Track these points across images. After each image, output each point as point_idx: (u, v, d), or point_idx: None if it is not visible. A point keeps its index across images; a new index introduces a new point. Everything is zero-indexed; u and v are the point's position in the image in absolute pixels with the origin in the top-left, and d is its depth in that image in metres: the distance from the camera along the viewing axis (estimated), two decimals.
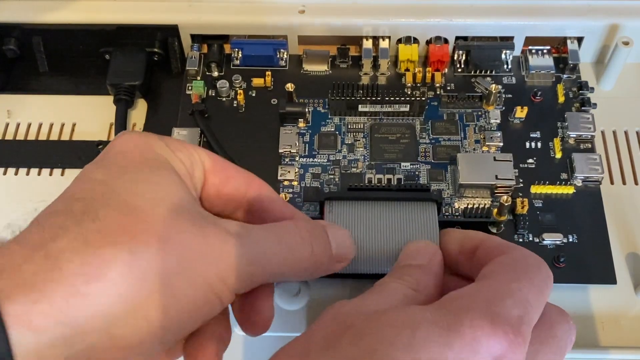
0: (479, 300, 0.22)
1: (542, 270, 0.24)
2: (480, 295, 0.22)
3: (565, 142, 0.38)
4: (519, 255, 0.25)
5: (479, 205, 0.35)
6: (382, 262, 0.31)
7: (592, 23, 0.40)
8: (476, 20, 0.40)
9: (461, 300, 0.22)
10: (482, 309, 0.21)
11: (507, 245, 0.26)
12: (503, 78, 0.41)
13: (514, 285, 0.23)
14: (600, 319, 0.34)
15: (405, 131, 0.38)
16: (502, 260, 0.25)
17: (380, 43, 0.41)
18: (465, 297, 0.22)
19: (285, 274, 0.27)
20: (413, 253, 0.28)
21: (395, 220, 0.32)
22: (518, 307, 0.22)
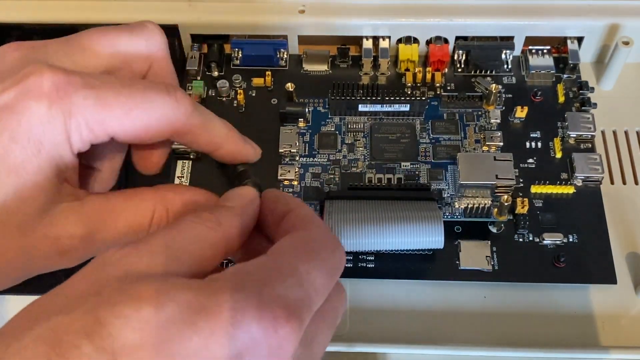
0: (254, 279, 0.20)
1: (337, 255, 0.23)
2: (258, 273, 0.20)
3: (566, 142, 0.38)
4: (317, 234, 0.23)
5: (479, 205, 0.35)
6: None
7: (592, 23, 0.40)
8: (476, 20, 0.40)
9: (232, 278, 0.20)
10: (253, 289, 0.19)
11: (312, 220, 0.24)
12: (503, 78, 0.41)
13: (302, 267, 0.21)
14: (600, 319, 0.34)
15: (406, 131, 0.38)
16: (298, 236, 0.23)
17: (380, 43, 0.41)
18: (238, 274, 0.20)
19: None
20: (229, 195, 0.25)
21: (395, 220, 0.33)
22: (300, 290, 0.20)
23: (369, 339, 0.33)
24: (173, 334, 0.18)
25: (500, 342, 0.33)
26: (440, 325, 0.34)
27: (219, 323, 0.19)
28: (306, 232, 0.23)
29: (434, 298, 0.34)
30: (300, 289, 0.20)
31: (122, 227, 0.26)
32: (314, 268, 0.21)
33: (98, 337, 0.18)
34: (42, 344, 0.18)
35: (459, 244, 0.35)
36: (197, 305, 0.19)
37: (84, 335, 0.18)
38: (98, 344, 0.18)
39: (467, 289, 0.34)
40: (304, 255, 0.22)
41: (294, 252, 0.22)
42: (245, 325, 0.19)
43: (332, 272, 0.22)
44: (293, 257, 0.21)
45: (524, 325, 0.34)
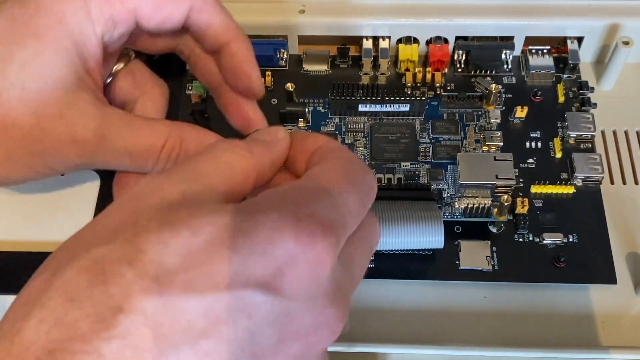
0: (289, 200, 0.20)
1: (368, 180, 0.23)
2: (292, 194, 0.21)
3: (566, 142, 0.38)
4: (347, 161, 0.23)
5: (479, 205, 0.35)
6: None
7: (592, 23, 0.40)
8: (476, 20, 0.40)
9: (268, 199, 0.20)
10: (289, 209, 0.19)
11: (341, 149, 0.24)
12: (503, 78, 0.41)
13: (335, 189, 0.21)
14: (600, 319, 0.34)
15: (406, 131, 0.38)
16: (330, 163, 0.23)
17: (380, 43, 0.41)
18: (275, 196, 0.21)
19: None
20: (260, 132, 0.26)
21: (395, 220, 0.33)
22: (335, 211, 0.20)
23: (369, 339, 0.33)
24: (212, 256, 0.19)
25: (500, 342, 0.33)
26: (440, 325, 0.34)
27: (257, 242, 0.19)
28: (337, 160, 0.23)
29: (433, 298, 0.34)
30: (335, 209, 0.21)
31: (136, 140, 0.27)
32: (346, 191, 0.21)
33: (140, 264, 0.18)
34: (84, 274, 0.18)
35: (459, 244, 0.35)
36: (234, 227, 0.19)
37: (125, 263, 0.18)
38: (140, 270, 0.18)
39: (467, 289, 0.34)
40: (337, 179, 0.22)
41: (326, 176, 0.22)
42: (283, 243, 0.19)
43: (365, 196, 0.22)
44: (326, 180, 0.22)
45: (524, 325, 0.34)
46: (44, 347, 0.18)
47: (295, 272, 0.19)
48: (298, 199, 0.20)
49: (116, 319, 0.18)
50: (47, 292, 0.18)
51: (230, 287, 0.18)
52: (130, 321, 0.18)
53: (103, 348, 0.17)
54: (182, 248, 0.19)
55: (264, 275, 0.19)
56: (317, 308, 0.20)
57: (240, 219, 0.19)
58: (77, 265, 0.19)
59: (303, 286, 0.19)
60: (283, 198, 0.20)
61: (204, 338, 0.18)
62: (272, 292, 0.19)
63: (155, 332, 0.18)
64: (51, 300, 0.18)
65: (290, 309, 0.19)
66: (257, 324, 0.19)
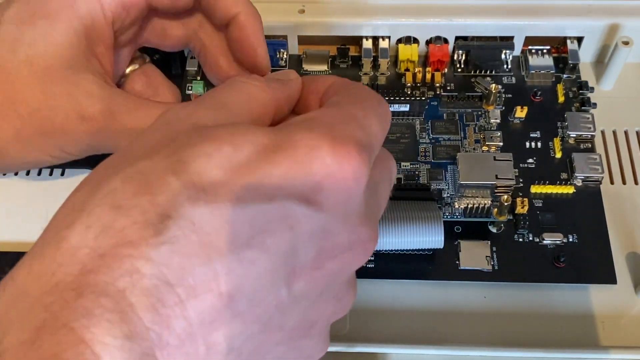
0: (321, 123, 0.21)
1: (383, 105, 0.24)
2: (323, 118, 0.21)
3: (565, 142, 0.38)
4: (361, 90, 0.24)
5: (479, 205, 0.35)
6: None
7: (592, 23, 0.40)
8: (476, 20, 0.40)
9: (301, 123, 0.21)
10: (323, 130, 0.20)
11: (352, 82, 0.25)
12: (503, 78, 0.41)
13: (359, 113, 0.22)
14: (600, 319, 0.34)
15: (405, 131, 0.38)
16: (346, 93, 0.24)
17: (380, 43, 0.41)
18: (306, 120, 0.21)
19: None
20: (274, 73, 0.27)
21: (395, 220, 0.33)
22: (362, 132, 0.21)
23: (369, 339, 0.33)
24: (254, 169, 0.19)
25: (500, 342, 0.33)
26: (440, 326, 0.34)
27: (296, 158, 0.19)
28: (352, 90, 0.24)
29: (433, 298, 0.34)
30: (362, 131, 0.21)
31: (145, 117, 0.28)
32: (368, 114, 0.22)
33: (185, 174, 0.19)
34: (130, 184, 0.19)
35: (459, 244, 0.35)
36: (273, 144, 0.20)
37: (171, 173, 0.19)
38: (186, 180, 0.19)
39: (467, 289, 0.34)
40: (357, 104, 0.22)
41: (347, 103, 0.23)
42: (321, 159, 0.19)
43: (383, 119, 0.23)
44: (348, 107, 0.22)
45: (524, 325, 0.34)
46: (91, 253, 0.18)
47: (333, 187, 0.20)
48: (330, 120, 0.21)
49: (165, 225, 0.18)
50: (92, 201, 0.18)
51: (273, 199, 0.19)
52: (178, 228, 0.18)
53: (152, 254, 0.18)
54: (224, 161, 0.19)
55: (304, 189, 0.19)
56: (352, 226, 0.21)
57: (277, 138, 0.20)
58: (122, 175, 0.19)
59: (340, 201, 0.20)
60: (315, 120, 0.21)
61: (249, 248, 0.19)
62: (312, 205, 0.19)
63: (203, 239, 0.18)
64: (97, 207, 0.18)
65: (328, 225, 0.20)
66: (298, 236, 0.19)
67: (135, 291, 0.17)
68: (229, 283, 0.18)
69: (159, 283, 0.17)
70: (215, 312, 0.18)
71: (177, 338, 0.18)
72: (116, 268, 0.17)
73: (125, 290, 0.17)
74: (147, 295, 0.17)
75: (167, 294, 0.18)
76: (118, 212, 0.18)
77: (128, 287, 0.17)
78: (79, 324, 0.17)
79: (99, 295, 0.17)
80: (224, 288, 0.18)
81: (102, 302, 0.17)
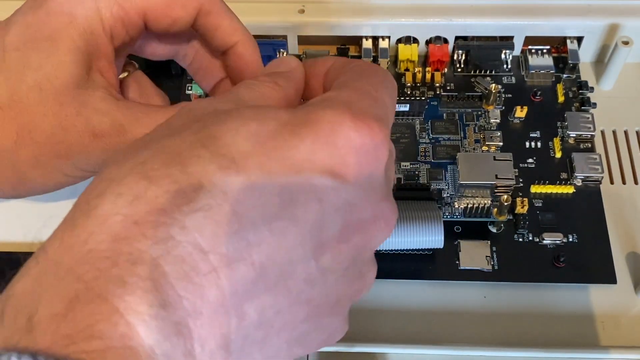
0: (340, 101, 0.21)
1: (388, 77, 0.24)
2: (339, 97, 0.21)
3: (565, 142, 0.38)
4: (364, 65, 0.25)
5: (479, 205, 0.35)
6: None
7: (591, 23, 0.40)
8: (476, 20, 0.40)
9: (320, 102, 0.21)
10: (343, 107, 0.20)
11: (353, 60, 0.26)
12: (503, 78, 0.41)
13: (370, 88, 0.22)
14: (600, 319, 0.34)
15: (405, 131, 0.38)
16: (353, 69, 0.24)
17: (380, 43, 0.41)
18: (324, 99, 0.21)
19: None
20: (276, 63, 0.27)
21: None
22: (378, 107, 0.22)
23: (368, 339, 0.33)
24: (281, 143, 0.19)
25: (500, 342, 0.33)
26: (440, 325, 0.34)
27: (320, 133, 0.20)
28: (355, 68, 0.24)
29: (433, 298, 0.34)
30: (378, 106, 0.22)
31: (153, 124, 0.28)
32: (378, 88, 0.23)
33: (214, 146, 0.19)
34: (159, 157, 0.19)
35: (459, 244, 0.35)
36: (297, 121, 0.20)
37: (200, 145, 0.19)
38: (216, 152, 0.19)
39: (466, 288, 0.34)
40: (367, 80, 0.23)
41: (357, 81, 0.23)
42: (344, 133, 0.20)
43: (391, 91, 0.24)
44: (359, 84, 0.22)
45: (524, 325, 0.34)
46: (124, 220, 0.17)
47: (358, 160, 0.20)
48: (347, 98, 0.21)
49: (197, 194, 0.18)
50: (121, 171, 0.18)
51: (301, 171, 0.19)
52: (211, 196, 0.18)
53: (185, 221, 0.18)
54: (252, 135, 0.19)
55: (330, 163, 0.20)
56: (375, 200, 0.21)
57: (300, 115, 0.20)
58: (151, 151, 0.19)
59: (364, 174, 0.20)
60: (333, 99, 0.21)
61: (279, 219, 0.19)
62: (338, 178, 0.20)
63: (235, 208, 0.18)
64: (127, 177, 0.18)
65: (353, 198, 0.20)
66: (326, 208, 0.20)
67: (169, 259, 0.17)
68: (261, 253, 0.18)
69: (192, 251, 0.17)
70: (248, 282, 0.18)
71: (210, 307, 0.18)
72: (150, 235, 0.17)
73: (159, 257, 0.17)
74: (181, 263, 0.17)
75: (201, 261, 0.17)
76: (149, 182, 0.18)
77: (162, 254, 0.17)
78: (113, 294, 0.16)
79: (132, 263, 0.17)
80: (257, 258, 0.18)
81: (136, 270, 0.17)
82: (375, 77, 0.23)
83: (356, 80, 0.23)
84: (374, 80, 0.23)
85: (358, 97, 0.21)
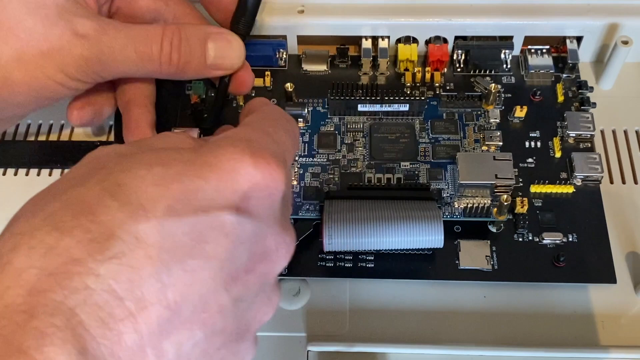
0: (240, 138, 0.23)
1: (292, 123, 0.27)
2: (240, 134, 0.23)
3: (565, 142, 0.38)
4: (271, 109, 0.27)
5: (479, 205, 0.35)
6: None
7: (591, 22, 0.40)
8: (475, 20, 0.40)
9: (222, 139, 0.23)
10: (243, 144, 0.22)
11: (266, 103, 0.28)
12: (502, 77, 0.41)
13: (271, 129, 0.24)
14: (600, 318, 0.34)
15: (405, 131, 0.38)
16: (258, 112, 0.26)
17: (380, 43, 0.41)
18: (226, 137, 0.23)
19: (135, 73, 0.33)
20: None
21: (395, 219, 0.33)
22: (276, 145, 0.24)
23: (368, 339, 0.33)
24: (187, 185, 0.20)
25: (500, 341, 0.33)
26: (440, 325, 0.34)
27: (223, 172, 0.21)
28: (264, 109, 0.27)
29: (433, 298, 0.34)
30: (276, 144, 0.24)
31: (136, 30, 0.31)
32: (279, 130, 0.25)
33: (122, 195, 0.20)
34: (68, 208, 0.19)
35: (459, 244, 0.35)
36: (200, 160, 0.21)
37: (107, 195, 0.20)
38: (124, 200, 0.19)
39: (466, 288, 0.34)
40: (268, 122, 0.25)
41: (260, 121, 0.25)
42: (244, 170, 0.21)
43: (291, 134, 0.26)
44: (262, 124, 0.25)
45: (524, 324, 0.34)
46: (39, 273, 0.18)
47: (258, 195, 0.22)
48: (247, 136, 0.23)
49: (110, 242, 0.19)
50: (31, 225, 0.19)
51: (208, 211, 0.20)
52: (123, 243, 0.19)
53: (100, 269, 0.18)
54: (158, 179, 0.20)
55: (234, 199, 0.21)
56: (276, 230, 0.23)
57: (202, 154, 0.21)
58: (59, 200, 0.20)
59: (265, 208, 0.22)
60: (234, 137, 0.23)
61: (191, 257, 0.20)
62: (242, 213, 0.21)
63: (148, 253, 0.19)
64: (38, 230, 0.19)
65: (257, 230, 0.22)
66: (233, 242, 0.21)
67: (86, 308, 0.18)
68: (175, 292, 0.19)
69: (109, 298, 0.18)
70: (164, 321, 0.19)
71: (128, 351, 0.18)
72: (65, 286, 0.18)
73: (76, 307, 0.18)
74: (98, 311, 0.18)
75: (117, 308, 0.18)
76: (61, 232, 0.19)
77: (79, 304, 0.18)
78: (31, 346, 0.17)
79: (50, 315, 0.17)
80: (171, 297, 0.19)
81: (54, 321, 0.17)
82: (278, 120, 0.26)
83: (259, 121, 0.25)
84: (275, 123, 0.25)
85: (258, 136, 0.23)
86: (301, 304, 0.34)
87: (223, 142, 0.22)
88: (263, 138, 0.23)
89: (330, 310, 0.34)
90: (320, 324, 0.34)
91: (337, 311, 0.34)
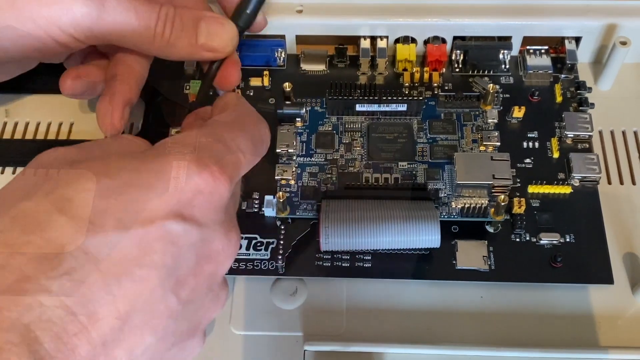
0: (187, 144, 0.23)
1: (260, 127, 0.27)
2: (190, 139, 0.24)
3: (563, 142, 0.38)
4: (244, 110, 0.28)
5: (476, 205, 0.35)
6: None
7: (589, 23, 0.40)
8: (474, 20, 0.40)
9: (172, 145, 0.23)
10: (189, 151, 0.23)
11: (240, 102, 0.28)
12: (501, 78, 0.41)
13: (228, 135, 0.25)
14: (597, 319, 0.34)
15: (403, 131, 0.38)
16: (228, 112, 0.27)
17: (378, 43, 0.41)
18: (175, 142, 0.24)
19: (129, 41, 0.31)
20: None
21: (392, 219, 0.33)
22: (229, 152, 0.24)
23: (365, 339, 0.33)
24: (133, 195, 0.21)
25: (497, 342, 0.33)
26: (437, 325, 0.34)
27: (167, 180, 0.22)
28: (234, 110, 0.27)
29: (430, 298, 0.34)
30: (228, 151, 0.24)
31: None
32: (238, 136, 0.25)
33: (69, 209, 0.20)
34: (18, 224, 0.20)
35: (456, 244, 0.35)
36: (146, 169, 0.22)
37: (55, 210, 0.20)
38: (72, 215, 0.20)
39: (463, 288, 0.34)
40: (230, 127, 0.26)
41: (222, 125, 0.26)
42: (189, 179, 0.22)
43: (259, 139, 0.27)
44: (221, 128, 0.25)
45: (521, 325, 0.34)
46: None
47: (203, 202, 0.23)
48: (197, 142, 0.24)
49: (60, 258, 0.19)
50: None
51: (154, 220, 0.21)
52: (74, 259, 0.19)
53: (52, 286, 0.19)
54: (104, 192, 0.21)
55: (179, 207, 0.22)
56: (222, 232, 0.24)
57: (149, 162, 0.22)
58: (7, 215, 0.20)
59: (209, 213, 0.23)
60: (183, 142, 0.24)
61: (139, 267, 0.21)
62: (187, 220, 0.22)
63: (98, 267, 0.20)
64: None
65: (203, 235, 0.23)
66: (180, 249, 0.22)
67: (40, 324, 0.18)
68: (125, 303, 0.20)
69: (62, 314, 0.19)
70: (116, 331, 0.20)
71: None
72: (19, 303, 0.18)
73: (30, 323, 0.18)
74: (51, 327, 0.18)
75: (70, 323, 0.19)
76: (12, 249, 0.19)
77: (33, 320, 0.18)
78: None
79: (5, 331, 0.18)
80: (122, 308, 0.20)
81: (9, 337, 0.18)
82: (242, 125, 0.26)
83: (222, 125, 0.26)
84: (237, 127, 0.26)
85: (210, 141, 0.24)
86: (298, 304, 0.34)
87: (172, 147, 0.23)
88: (214, 144, 0.24)
89: (327, 310, 0.34)
90: (317, 323, 0.34)
91: (334, 311, 0.34)
